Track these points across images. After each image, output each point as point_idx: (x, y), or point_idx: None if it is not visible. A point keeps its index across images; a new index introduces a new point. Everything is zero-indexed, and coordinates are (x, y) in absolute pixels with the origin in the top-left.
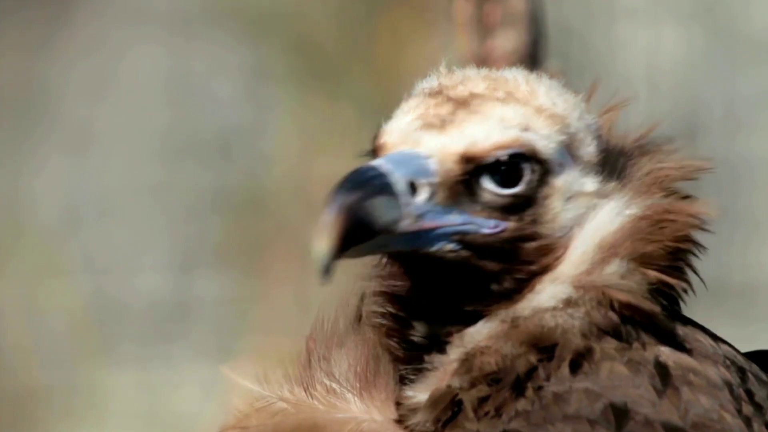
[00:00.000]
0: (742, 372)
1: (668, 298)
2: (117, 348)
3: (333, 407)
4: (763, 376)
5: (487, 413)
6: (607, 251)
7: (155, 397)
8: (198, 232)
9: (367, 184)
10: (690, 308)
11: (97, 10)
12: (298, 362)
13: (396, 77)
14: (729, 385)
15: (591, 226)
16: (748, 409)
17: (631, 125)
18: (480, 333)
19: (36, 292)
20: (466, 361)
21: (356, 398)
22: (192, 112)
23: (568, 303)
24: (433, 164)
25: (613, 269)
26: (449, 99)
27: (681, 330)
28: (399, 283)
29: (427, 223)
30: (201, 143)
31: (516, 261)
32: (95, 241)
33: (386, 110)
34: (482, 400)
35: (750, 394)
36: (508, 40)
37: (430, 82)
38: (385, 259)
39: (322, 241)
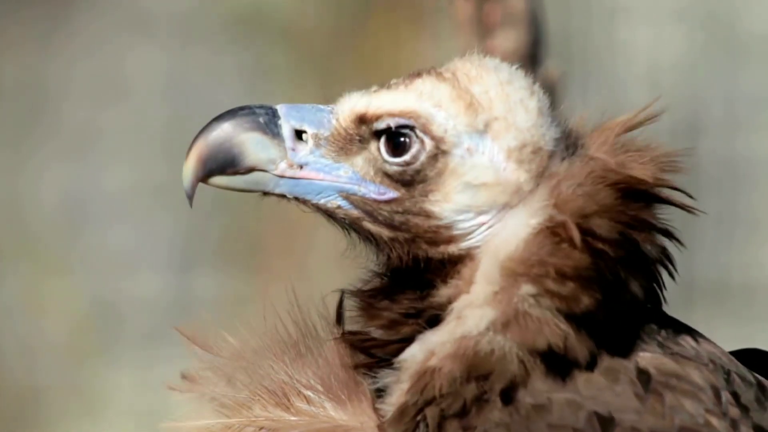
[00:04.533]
0: (727, 374)
1: (614, 308)
2: (117, 348)
3: (314, 417)
4: (749, 376)
5: (464, 428)
6: (512, 274)
7: (155, 397)
8: (198, 232)
9: (245, 118)
10: (690, 308)
11: (98, 12)
12: (248, 375)
13: (393, 77)
14: (714, 388)
15: (496, 239)
16: (734, 411)
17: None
18: (418, 355)
19: (36, 292)
20: (419, 381)
21: (337, 406)
22: (191, 112)
23: (495, 326)
24: (331, 119)
25: (523, 293)
26: (420, 73)
27: (659, 333)
28: (369, 286)
29: (309, 173)
30: None
31: (408, 234)
32: (96, 241)
33: None
34: (447, 416)
35: (736, 396)
36: (508, 40)
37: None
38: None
39: (186, 162)
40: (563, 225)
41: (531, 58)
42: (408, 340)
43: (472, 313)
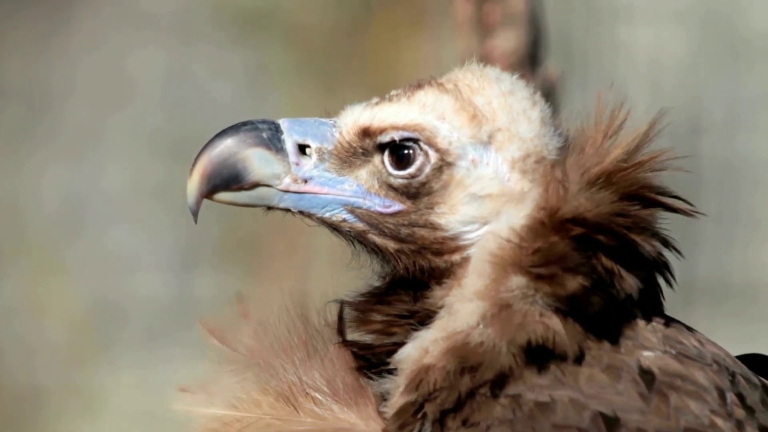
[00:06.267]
0: (731, 375)
1: (610, 297)
2: (117, 348)
3: (321, 419)
4: (754, 378)
5: (464, 422)
6: (502, 265)
7: (155, 397)
8: (198, 232)
9: (249, 133)
10: (690, 308)
11: (98, 12)
12: (259, 373)
13: (394, 76)
14: (719, 389)
15: (488, 234)
16: (739, 412)
17: (632, 126)
18: (413, 353)
19: (36, 292)
20: (414, 378)
21: (345, 408)
22: (191, 112)
23: (485, 319)
24: (334, 133)
25: (513, 285)
26: (421, 84)
27: (662, 333)
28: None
29: (313, 187)
30: (200, 143)
31: (414, 246)
32: (95, 241)
33: None
34: (446, 411)
35: (741, 397)
36: (508, 40)
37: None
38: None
39: (190, 179)
40: (552, 216)
41: (531, 58)
42: (402, 343)
43: (463, 307)
